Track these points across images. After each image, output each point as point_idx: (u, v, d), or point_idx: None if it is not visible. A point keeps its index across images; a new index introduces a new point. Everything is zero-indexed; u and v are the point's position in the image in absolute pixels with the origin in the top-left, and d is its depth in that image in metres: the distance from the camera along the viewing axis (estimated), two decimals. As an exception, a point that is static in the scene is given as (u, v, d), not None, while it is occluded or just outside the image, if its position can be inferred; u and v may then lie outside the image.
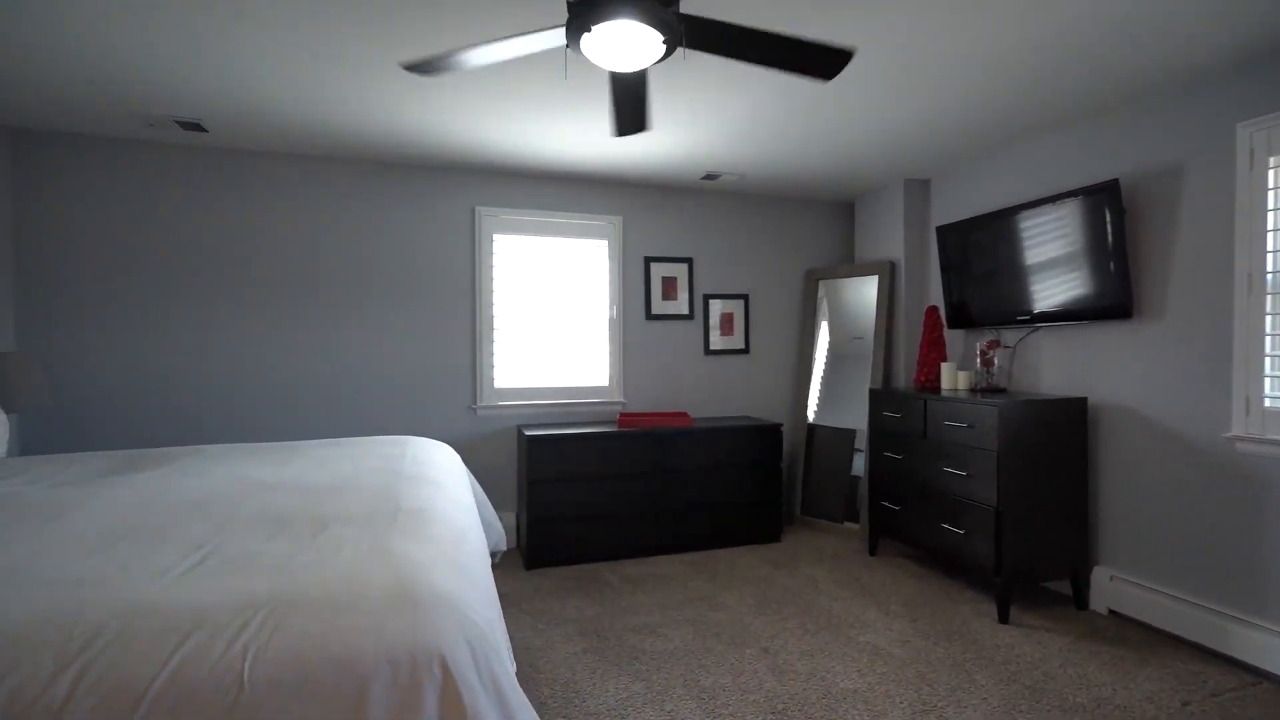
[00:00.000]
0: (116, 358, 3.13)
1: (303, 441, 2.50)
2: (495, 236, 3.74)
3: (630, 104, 1.87)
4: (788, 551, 3.67)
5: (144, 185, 3.17)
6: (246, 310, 3.32)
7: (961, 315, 3.50)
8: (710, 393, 4.22)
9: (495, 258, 3.74)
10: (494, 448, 3.75)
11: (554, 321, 3.86)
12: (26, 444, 3.03)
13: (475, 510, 1.96)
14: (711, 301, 4.21)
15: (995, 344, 3.26)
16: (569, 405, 3.87)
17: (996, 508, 2.71)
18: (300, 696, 0.89)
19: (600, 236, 3.96)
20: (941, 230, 3.56)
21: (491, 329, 3.73)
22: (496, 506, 3.75)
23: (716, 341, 4.22)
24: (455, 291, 3.66)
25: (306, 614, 0.97)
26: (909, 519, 3.26)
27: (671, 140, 3.17)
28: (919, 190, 3.94)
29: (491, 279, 3.72)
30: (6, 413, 2.60)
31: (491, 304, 3.73)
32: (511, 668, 1.60)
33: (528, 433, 3.39)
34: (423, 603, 1.03)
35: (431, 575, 1.11)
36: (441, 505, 1.61)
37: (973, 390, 3.24)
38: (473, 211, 3.69)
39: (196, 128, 2.95)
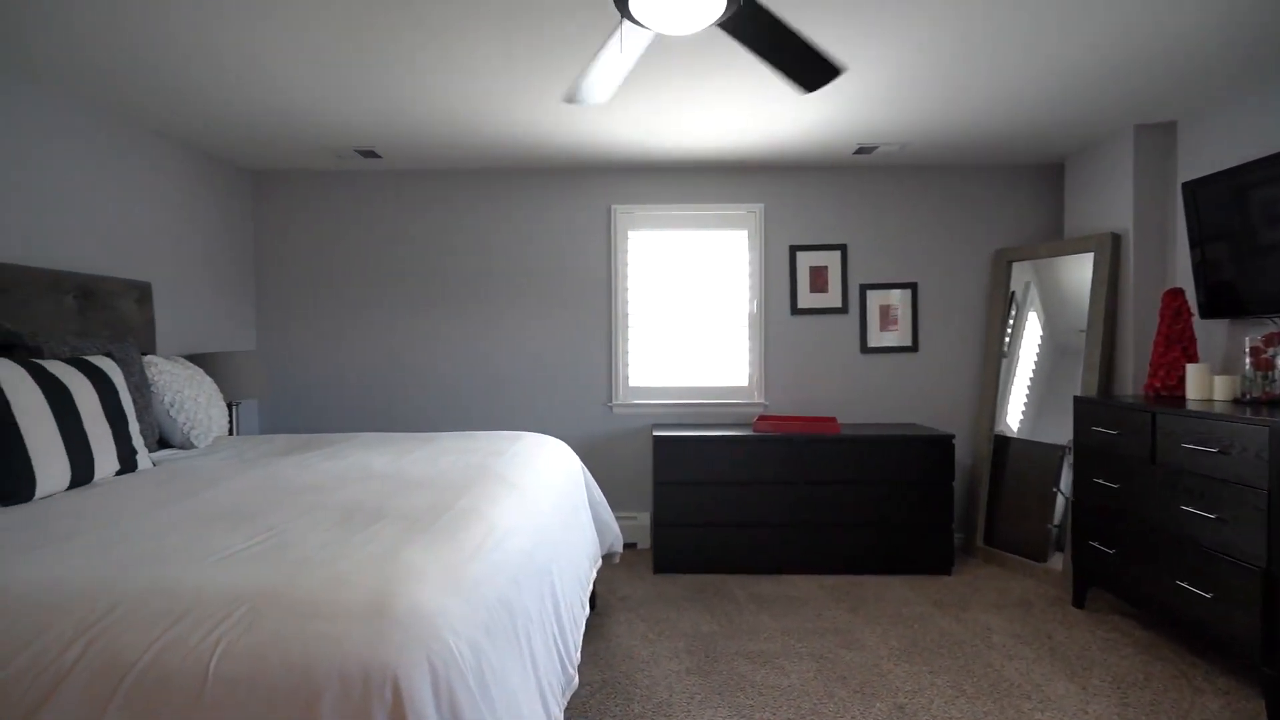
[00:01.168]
0: (326, 355, 3.74)
1: (439, 433, 2.71)
2: (630, 234, 3.71)
3: (794, 53, 1.59)
4: (957, 589, 3.07)
5: (338, 207, 3.73)
6: (417, 313, 3.74)
7: (1223, 300, 2.59)
8: (866, 396, 3.72)
9: (631, 254, 3.72)
10: (629, 446, 3.73)
11: (690, 318, 3.71)
12: (268, 425, 3.77)
13: (557, 513, 1.92)
14: (869, 292, 3.71)
15: (1278, 338, 2.35)
16: (705, 406, 3.70)
17: (1267, 569, 1.93)
18: (255, 699, 0.89)
19: (739, 226, 3.71)
20: (1195, 186, 2.67)
21: (627, 326, 3.71)
22: (631, 506, 3.73)
23: (875, 338, 3.71)
24: (593, 290, 3.71)
25: (282, 614, 0.98)
26: (1128, 568, 2.50)
27: (815, 113, 2.82)
28: (1156, 138, 3.02)
29: (627, 276, 3.71)
30: (251, 400, 3.25)
31: (627, 301, 3.71)
32: (564, 683, 1.52)
33: (657, 433, 3.30)
34: (392, 616, 0.98)
35: (416, 586, 1.06)
36: (498, 508, 1.58)
37: (1237, 401, 2.38)
38: (609, 210, 3.71)
39: (371, 154, 3.38)
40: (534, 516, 1.69)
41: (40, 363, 1.83)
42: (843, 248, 3.70)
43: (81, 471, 1.79)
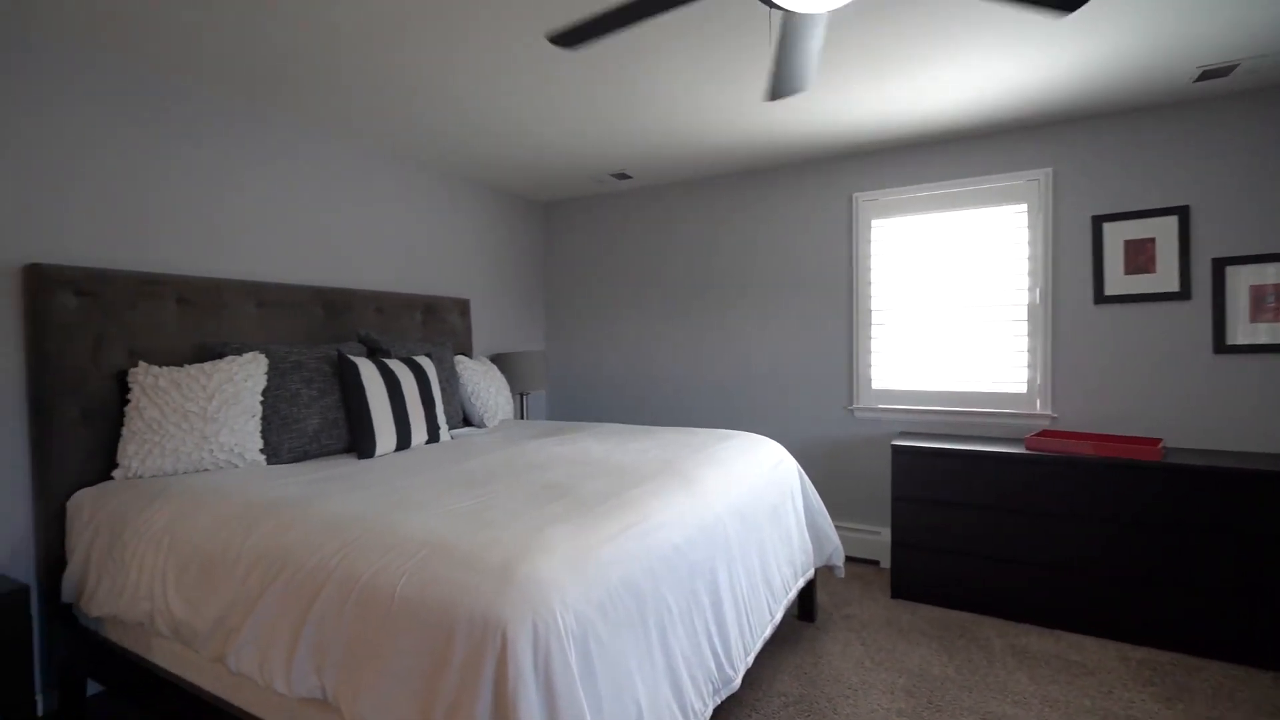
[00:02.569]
0: (595, 354, 4.36)
1: (663, 428, 2.94)
2: (874, 222, 3.40)
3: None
4: (1376, 710, 2.04)
5: (601, 226, 4.30)
6: (665, 317, 4.08)
7: None
8: (1219, 412, 2.71)
9: (874, 245, 3.41)
10: (870, 454, 3.43)
11: (947, 312, 3.23)
12: (553, 412, 4.57)
13: (737, 514, 1.93)
14: (1233, 269, 2.69)
15: None
16: (965, 415, 3.18)
17: None
18: (418, 621, 1.17)
19: (1015, 200, 3.08)
20: None
21: (870, 324, 3.42)
22: (872, 520, 3.43)
23: (1244, 331, 2.68)
24: (831, 286, 3.52)
25: (446, 561, 1.25)
26: None
27: (1119, 37, 2.17)
28: None
29: (870, 269, 3.41)
30: (539, 391, 4.01)
31: (869, 297, 3.42)
32: (718, 682, 1.54)
33: (896, 442, 2.98)
34: (514, 579, 1.16)
35: (540, 558, 1.22)
36: (659, 501, 1.68)
37: None
38: (850, 200, 3.46)
39: (623, 176, 3.81)
40: (700, 513, 1.74)
41: (385, 360, 2.61)
42: (1182, 211, 2.75)
43: (403, 440, 2.49)
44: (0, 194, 2.00)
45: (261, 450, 2.19)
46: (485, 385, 3.25)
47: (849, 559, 3.48)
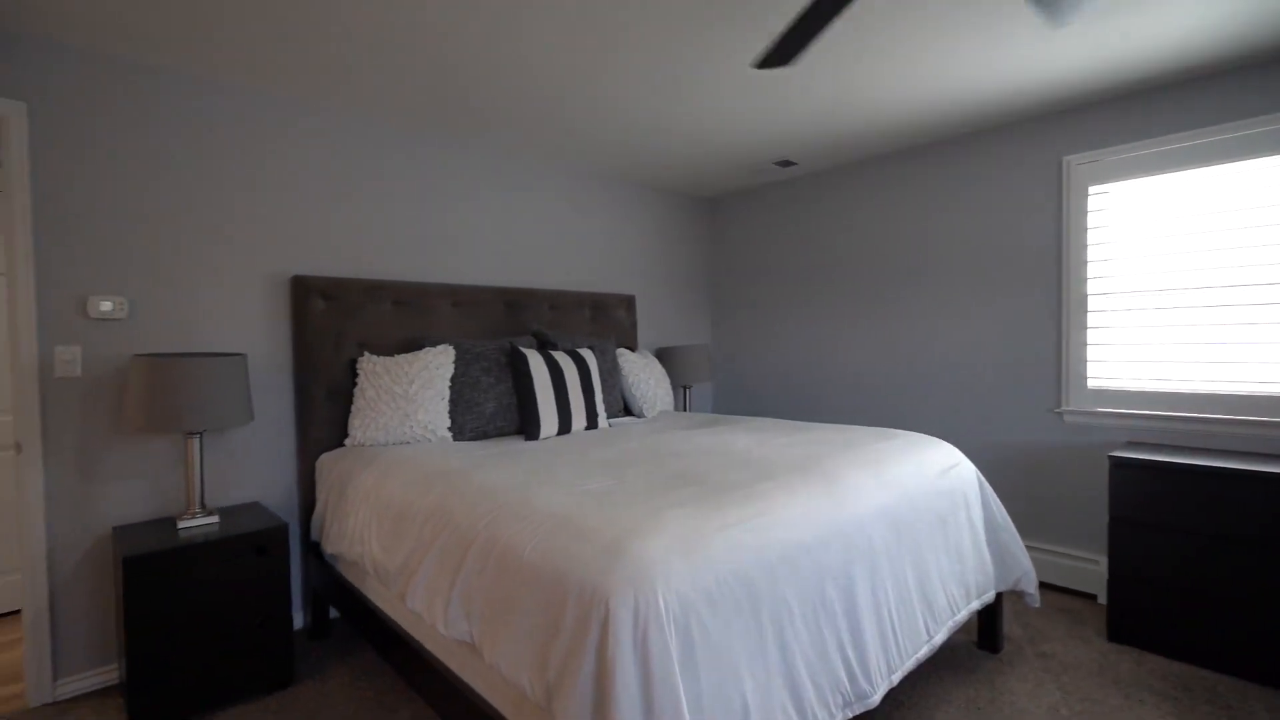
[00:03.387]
0: (760, 347, 4.28)
1: (818, 424, 2.79)
2: (1092, 190, 2.85)
3: None
4: None
5: (764, 217, 4.19)
6: (833, 307, 3.86)
7: None
8: None
9: (1092, 216, 2.85)
10: (1084, 466, 2.88)
11: (1193, 295, 2.59)
12: (718, 405, 4.60)
13: (885, 519, 1.76)
14: None
15: None
16: (1218, 423, 2.52)
17: None
18: (539, 584, 1.28)
19: (1305, 144, 2.35)
20: None
21: (1085, 311, 2.87)
22: (1088, 545, 2.88)
23: None
24: (1035, 268, 3.03)
25: (569, 533, 1.34)
26: None
27: None
28: None
29: (1085, 246, 2.86)
30: (703, 384, 4.07)
31: (1084, 279, 2.87)
32: (849, 693, 1.44)
33: (1117, 453, 2.46)
34: (622, 556, 1.21)
35: (651, 539, 1.25)
36: (788, 497, 1.61)
37: None
38: (1060, 165, 2.94)
39: (787, 163, 3.68)
40: (836, 514, 1.63)
41: (552, 352, 2.86)
42: None
43: (564, 425, 2.71)
44: (278, 225, 2.60)
45: (449, 428, 2.55)
46: (645, 377, 3.38)
47: (1055, 589, 2.96)
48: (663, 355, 4.01)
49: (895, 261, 3.55)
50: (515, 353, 2.75)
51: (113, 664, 2.26)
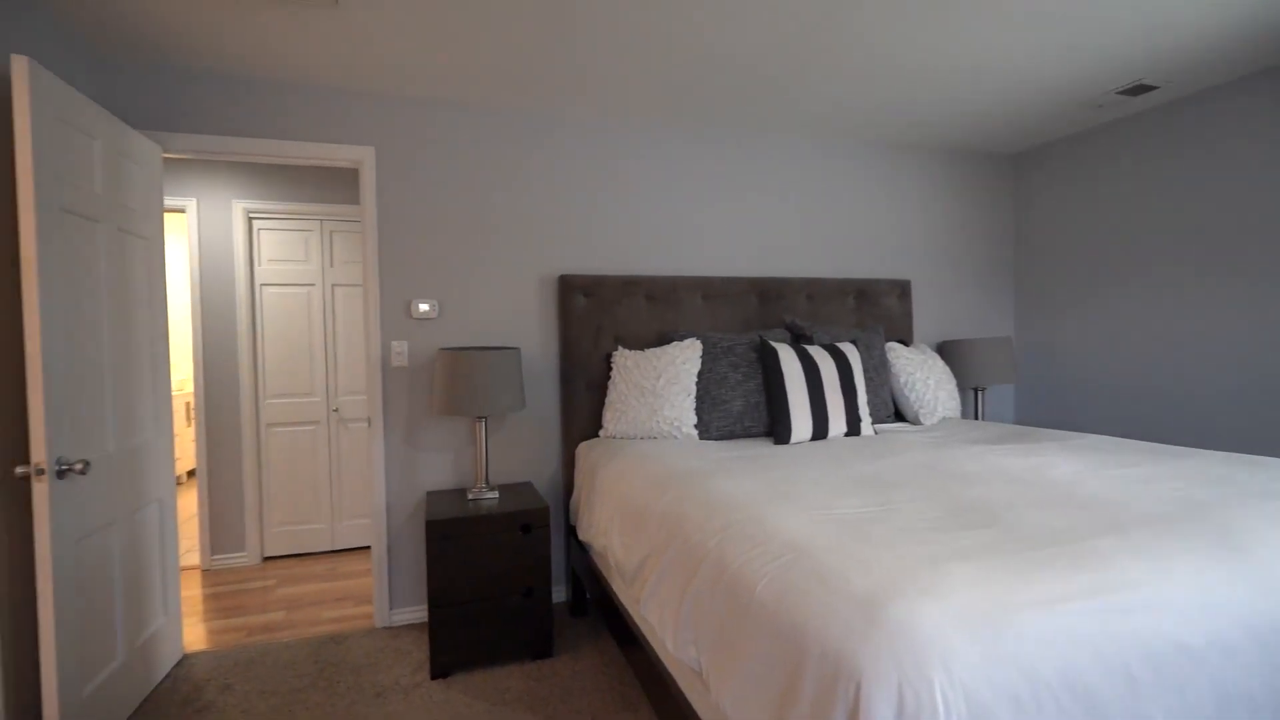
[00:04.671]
0: (1087, 341, 3.30)
1: (1185, 449, 1.94)
2: None
3: None
4: None
5: (1099, 169, 3.16)
6: (1208, 288, 2.73)
7: None
8: None
9: None
10: None
11: None
12: (1022, 414, 3.69)
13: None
14: None
15: None
16: None
17: None
18: (770, 629, 1.04)
19: None
20: None
21: None
22: None
23: None
24: None
25: (809, 573, 1.07)
26: None
27: None
28: None
29: None
30: (1003, 385, 3.29)
31: None
32: None
33: None
34: (881, 620, 0.90)
35: (927, 603, 0.91)
36: (1158, 564, 1.06)
37: None
38: None
39: (1141, 88, 2.70)
40: (1256, 601, 1.03)
41: (806, 347, 2.56)
42: None
43: (819, 429, 2.39)
44: (549, 229, 2.83)
45: (695, 426, 2.45)
46: (922, 376, 2.83)
47: None
48: (946, 351, 3.34)
49: (1350, 209, 2.32)
50: (765, 347, 2.53)
51: (424, 605, 2.72)
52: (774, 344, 2.52)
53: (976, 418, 3.35)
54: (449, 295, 2.71)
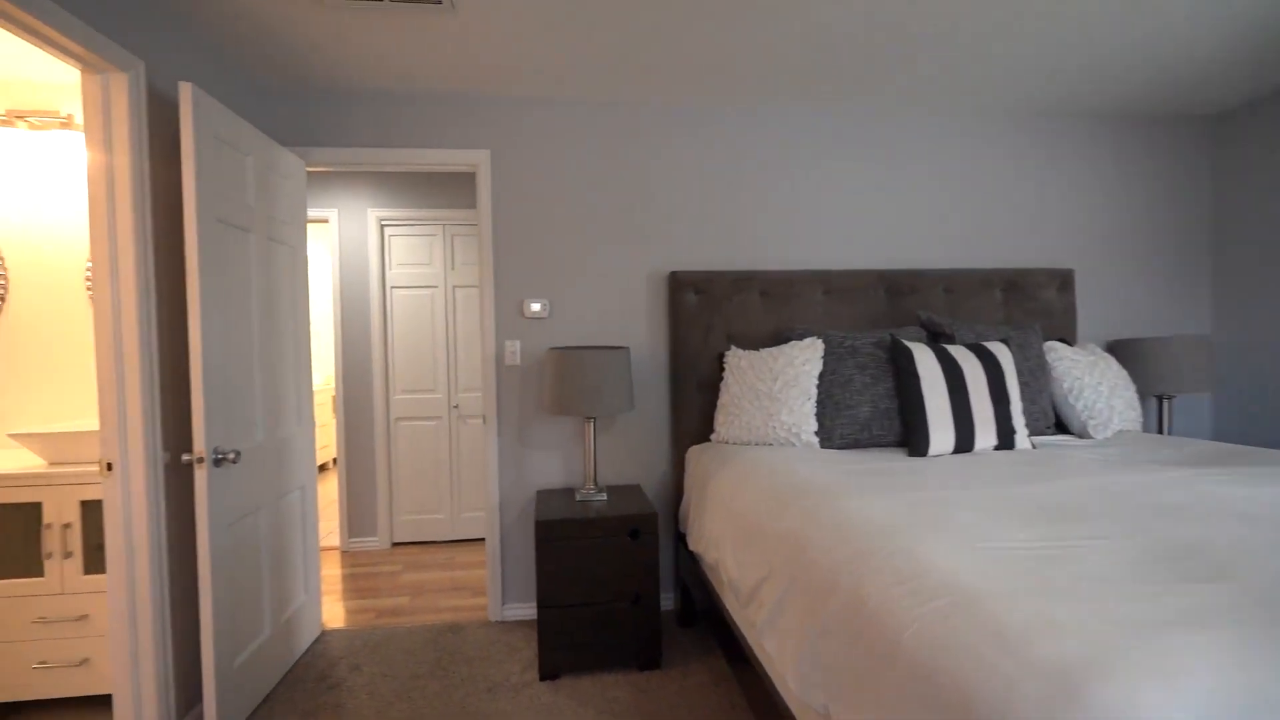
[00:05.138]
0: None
1: None
2: None
3: None
4: None
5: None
6: None
7: None
8: None
9: None
10: None
11: None
12: (1222, 429, 3.07)
13: None
14: None
15: None
16: None
17: None
18: (926, 691, 0.85)
19: None
20: None
21: None
22: None
23: None
24: None
25: (972, 626, 0.87)
26: None
27: None
28: None
29: None
30: (1198, 394, 2.75)
31: None
32: None
33: None
34: (1081, 700, 0.69)
35: (1148, 686, 0.68)
36: None
37: None
38: None
39: None
40: None
41: (946, 346, 2.26)
42: None
43: (964, 440, 2.09)
44: (659, 225, 2.74)
45: (816, 433, 2.25)
46: (1092, 382, 2.41)
47: None
48: (1120, 352, 2.84)
49: None
50: (897, 346, 2.26)
51: (533, 603, 2.74)
52: (908, 343, 2.25)
53: (1162, 431, 2.82)
54: (559, 294, 2.70)
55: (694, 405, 2.64)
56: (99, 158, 1.76)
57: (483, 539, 3.83)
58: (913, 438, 2.11)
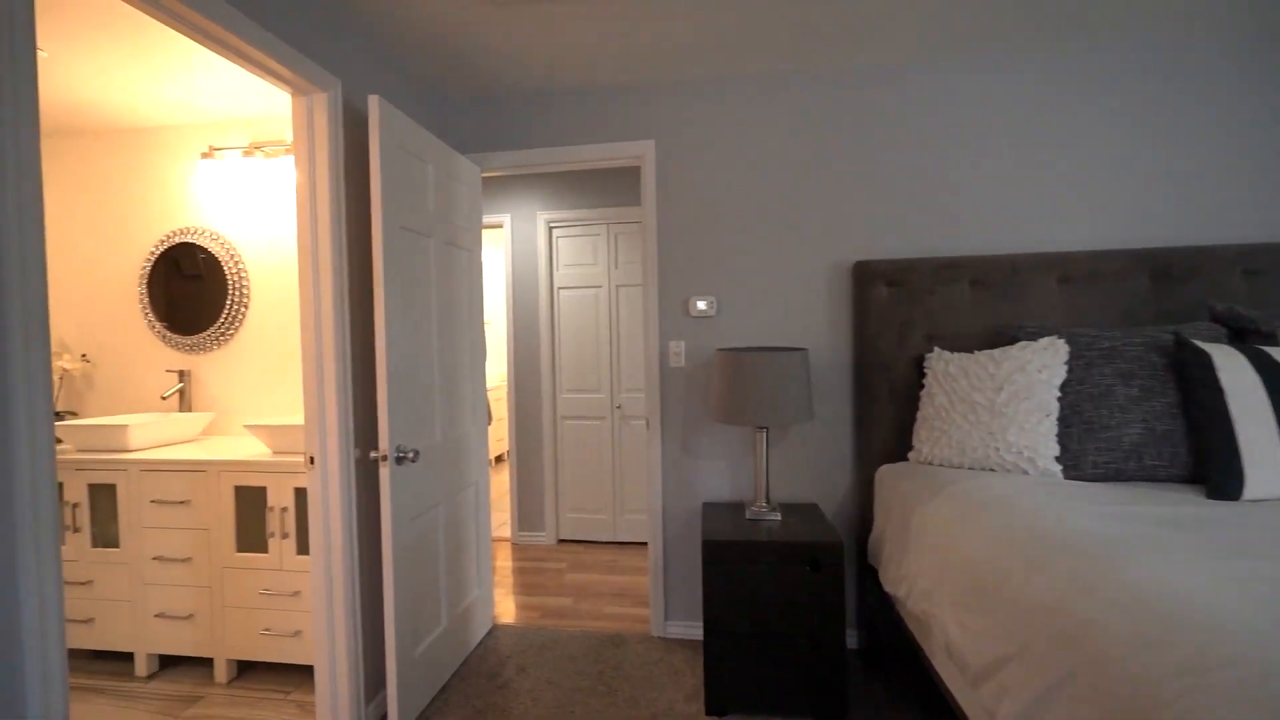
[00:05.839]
0: None
1: None
2: None
3: None
4: None
5: None
6: None
7: None
8: None
9: None
10: None
11: None
12: None
13: None
14: None
15: None
16: None
17: None
18: None
19: None
20: None
21: None
22: None
23: None
24: None
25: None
26: None
27: None
28: None
29: None
30: None
31: None
32: None
33: None
34: None
35: None
36: None
37: None
38: None
39: None
40: None
41: (1265, 349, 1.64)
42: None
43: (1301, 481, 1.49)
44: (841, 209, 2.39)
45: (1057, 459, 1.76)
46: None
47: None
48: None
49: None
50: (1186, 349, 1.69)
51: (699, 622, 2.54)
52: (1201, 344, 1.67)
53: None
54: (727, 291, 2.48)
55: (884, 417, 2.26)
56: (304, 175, 1.89)
57: (644, 543, 3.75)
58: (1216, 473, 1.55)
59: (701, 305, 2.48)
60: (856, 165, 2.38)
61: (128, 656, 2.47)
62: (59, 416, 2.78)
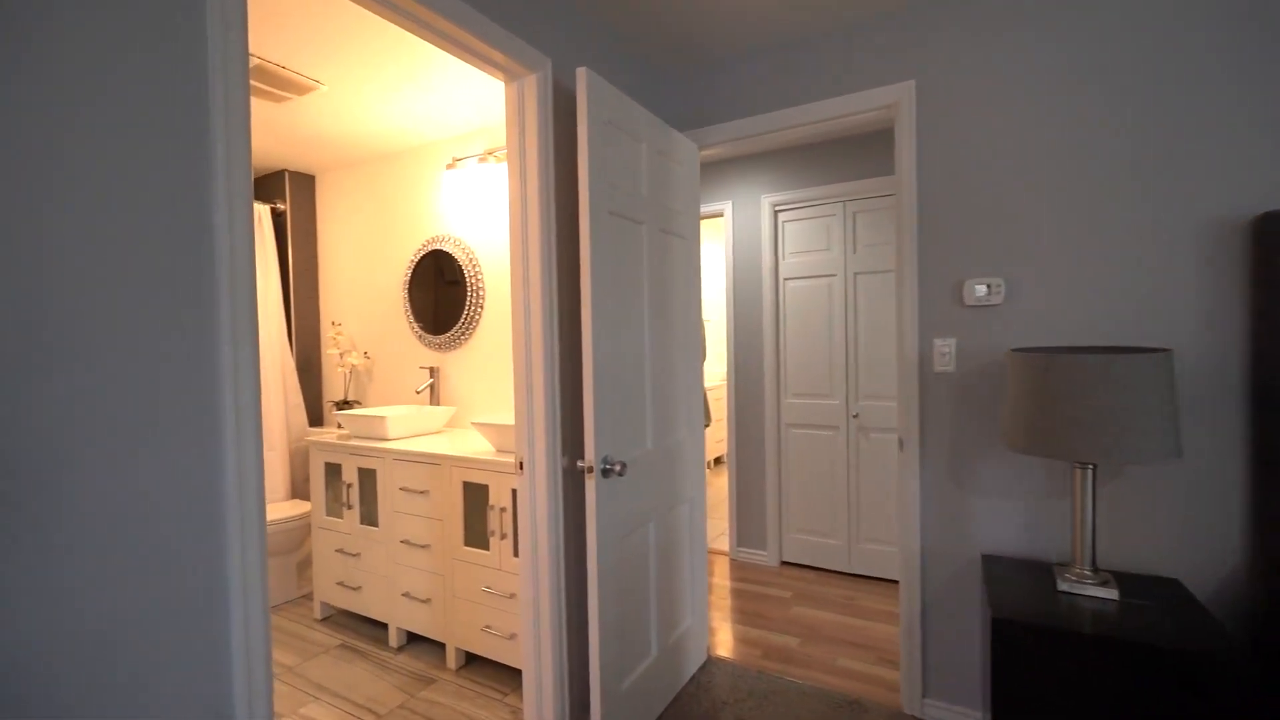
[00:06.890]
0: None
1: None
2: None
3: None
4: None
5: None
6: None
7: None
8: None
9: None
10: None
11: None
12: None
13: None
14: None
15: None
16: None
17: None
18: None
19: None
20: None
21: None
22: None
23: None
24: None
25: None
26: None
27: None
28: None
29: None
30: None
31: None
32: None
33: None
34: None
35: None
36: None
37: None
38: None
39: None
40: None
41: None
42: None
43: None
44: (1227, 138, 1.58)
45: None
46: None
47: None
48: None
49: None
50: None
51: (977, 712, 1.92)
52: None
53: None
54: (1020, 270, 1.82)
55: (1321, 457, 1.41)
56: (514, 165, 1.80)
57: (886, 580, 3.13)
58: None
59: (981, 290, 1.86)
60: (1251, 74, 1.53)
61: (384, 626, 2.75)
62: (347, 405, 3.25)
